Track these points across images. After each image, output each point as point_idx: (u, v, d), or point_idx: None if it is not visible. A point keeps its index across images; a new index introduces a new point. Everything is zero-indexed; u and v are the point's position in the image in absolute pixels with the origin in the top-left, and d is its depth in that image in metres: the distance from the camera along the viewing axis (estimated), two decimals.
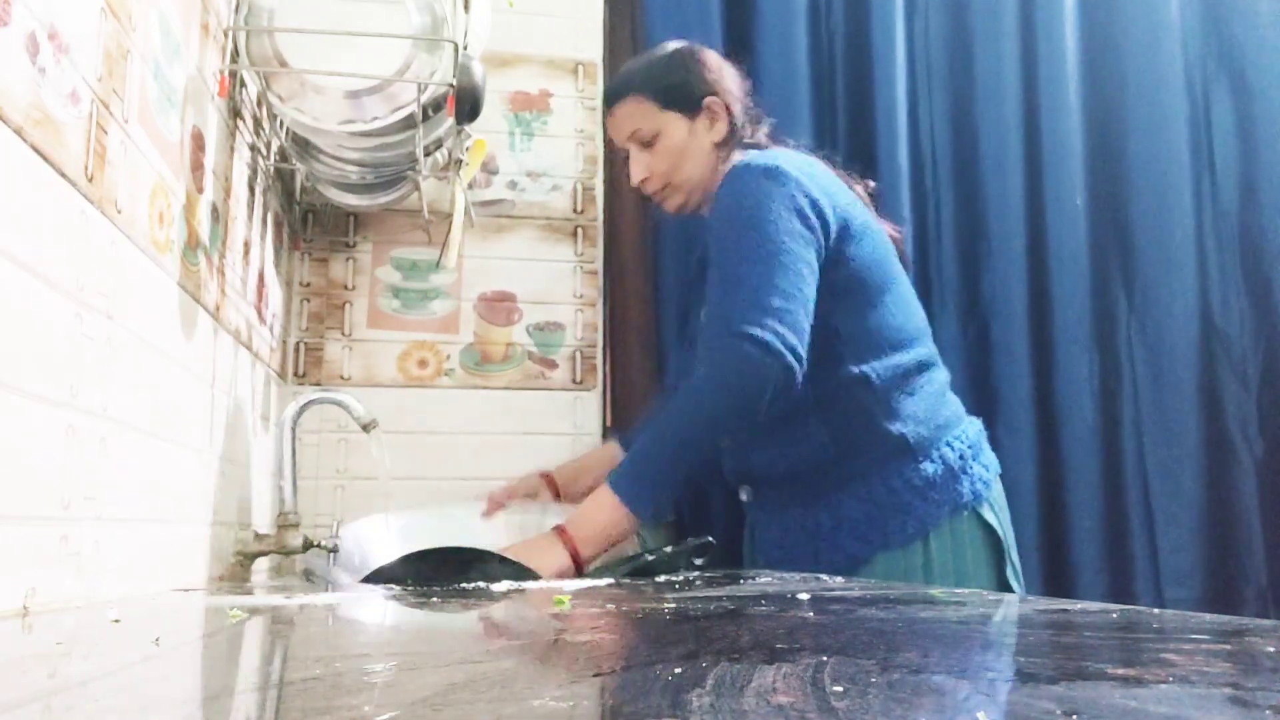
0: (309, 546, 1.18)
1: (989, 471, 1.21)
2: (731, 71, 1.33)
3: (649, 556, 1.09)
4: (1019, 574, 1.23)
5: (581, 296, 1.68)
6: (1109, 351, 1.66)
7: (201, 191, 1.01)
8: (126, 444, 0.78)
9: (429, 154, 1.35)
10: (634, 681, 0.34)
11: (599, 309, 1.67)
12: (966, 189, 1.68)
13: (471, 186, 1.63)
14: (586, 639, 0.49)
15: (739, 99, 1.31)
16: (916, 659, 0.38)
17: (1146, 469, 1.62)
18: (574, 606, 0.67)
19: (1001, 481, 1.27)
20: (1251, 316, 1.66)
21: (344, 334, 1.60)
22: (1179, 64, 1.72)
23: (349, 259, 1.63)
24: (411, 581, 0.95)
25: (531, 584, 0.95)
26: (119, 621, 0.59)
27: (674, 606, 0.65)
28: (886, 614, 0.59)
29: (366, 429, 1.22)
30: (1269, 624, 0.49)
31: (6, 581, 0.59)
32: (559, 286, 1.67)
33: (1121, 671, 0.35)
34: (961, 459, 1.18)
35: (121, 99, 0.78)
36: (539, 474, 1.46)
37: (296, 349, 1.59)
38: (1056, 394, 1.62)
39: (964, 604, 0.65)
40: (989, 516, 1.18)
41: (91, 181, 0.71)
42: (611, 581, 0.98)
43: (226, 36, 1.10)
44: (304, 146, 1.31)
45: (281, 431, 1.22)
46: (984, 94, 1.69)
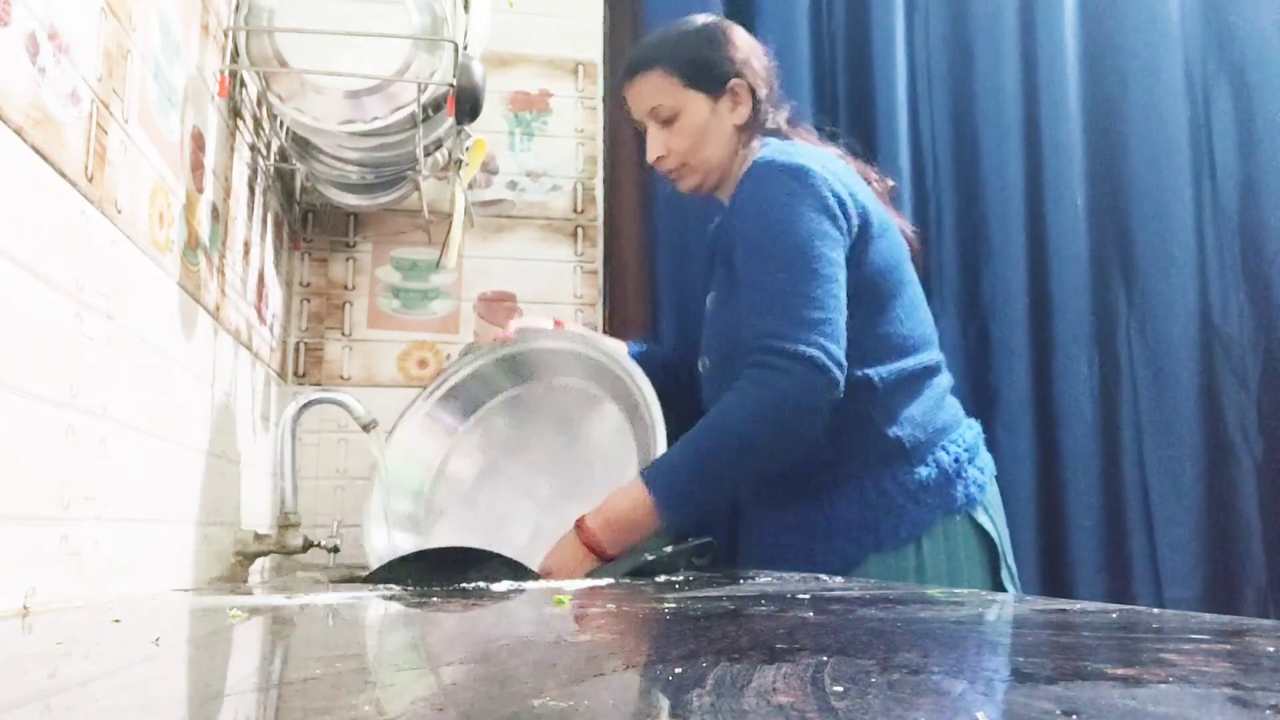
0: (309, 546, 1.19)
1: (984, 475, 1.21)
2: (760, 51, 1.29)
3: (649, 556, 1.09)
4: (1014, 577, 1.22)
5: (581, 296, 1.68)
6: (1109, 351, 1.66)
7: (201, 191, 1.01)
8: (126, 444, 0.79)
9: (429, 154, 1.35)
10: (634, 681, 0.34)
11: (599, 309, 1.67)
12: (967, 189, 1.68)
13: (471, 186, 1.63)
14: (586, 639, 0.49)
15: (765, 82, 1.27)
16: (916, 659, 0.38)
17: (1146, 469, 1.62)
18: (574, 606, 0.67)
19: (1001, 481, 1.26)
20: (1251, 316, 1.66)
21: (344, 334, 1.60)
22: (1179, 64, 1.72)
23: (349, 259, 1.63)
24: (411, 581, 0.95)
25: (531, 584, 0.95)
26: (119, 621, 0.59)
27: (674, 606, 0.65)
28: (886, 614, 0.59)
29: (366, 429, 1.22)
30: (1269, 624, 0.49)
31: (6, 581, 0.59)
32: (559, 286, 1.67)
33: (1121, 671, 0.35)
34: (956, 462, 1.17)
35: (121, 99, 0.78)
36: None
37: (296, 349, 1.59)
38: (1056, 394, 1.62)
39: (963, 604, 0.65)
40: (983, 520, 1.18)
41: (91, 181, 0.71)
42: (611, 581, 0.99)
43: (226, 36, 1.10)
44: (304, 146, 1.31)
45: (281, 431, 1.22)
46: (984, 95, 1.69)
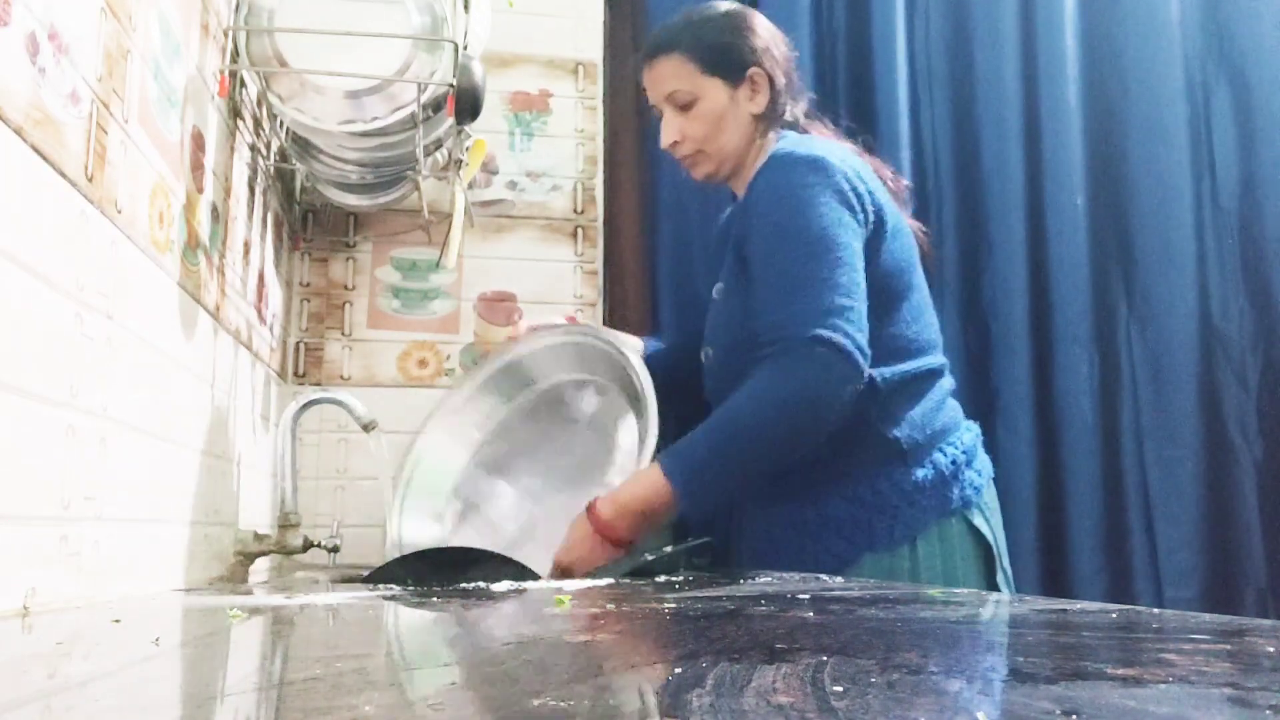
0: (309, 546, 1.19)
1: (981, 477, 1.20)
2: (781, 40, 1.29)
3: (649, 556, 1.09)
4: (1010, 580, 1.22)
5: (581, 296, 1.68)
6: (1109, 351, 1.66)
7: (201, 191, 1.01)
8: (126, 444, 0.79)
9: (429, 154, 1.35)
10: (634, 681, 0.34)
11: (599, 309, 1.67)
12: (967, 190, 1.68)
13: (471, 186, 1.63)
14: (586, 639, 0.49)
15: (784, 72, 1.27)
16: (916, 659, 0.38)
17: (1146, 469, 1.62)
18: (574, 606, 0.67)
19: (1000, 481, 1.26)
20: (1251, 317, 1.66)
21: (344, 334, 1.60)
22: (1179, 64, 1.72)
23: (349, 259, 1.63)
24: (411, 581, 0.95)
25: (531, 584, 0.95)
26: (119, 621, 0.59)
27: (674, 606, 0.65)
28: (886, 614, 0.59)
29: (366, 429, 1.22)
30: (1269, 624, 0.49)
31: (6, 581, 0.59)
32: (559, 286, 1.67)
33: (1121, 671, 0.35)
34: (954, 464, 1.17)
35: (121, 99, 0.78)
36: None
37: (296, 349, 1.59)
38: (1056, 394, 1.62)
39: (963, 604, 0.65)
40: (979, 523, 1.17)
41: (91, 181, 0.71)
42: (611, 581, 0.99)
43: (226, 36, 1.10)
44: (304, 146, 1.31)
45: (281, 431, 1.22)
46: (984, 95, 1.69)
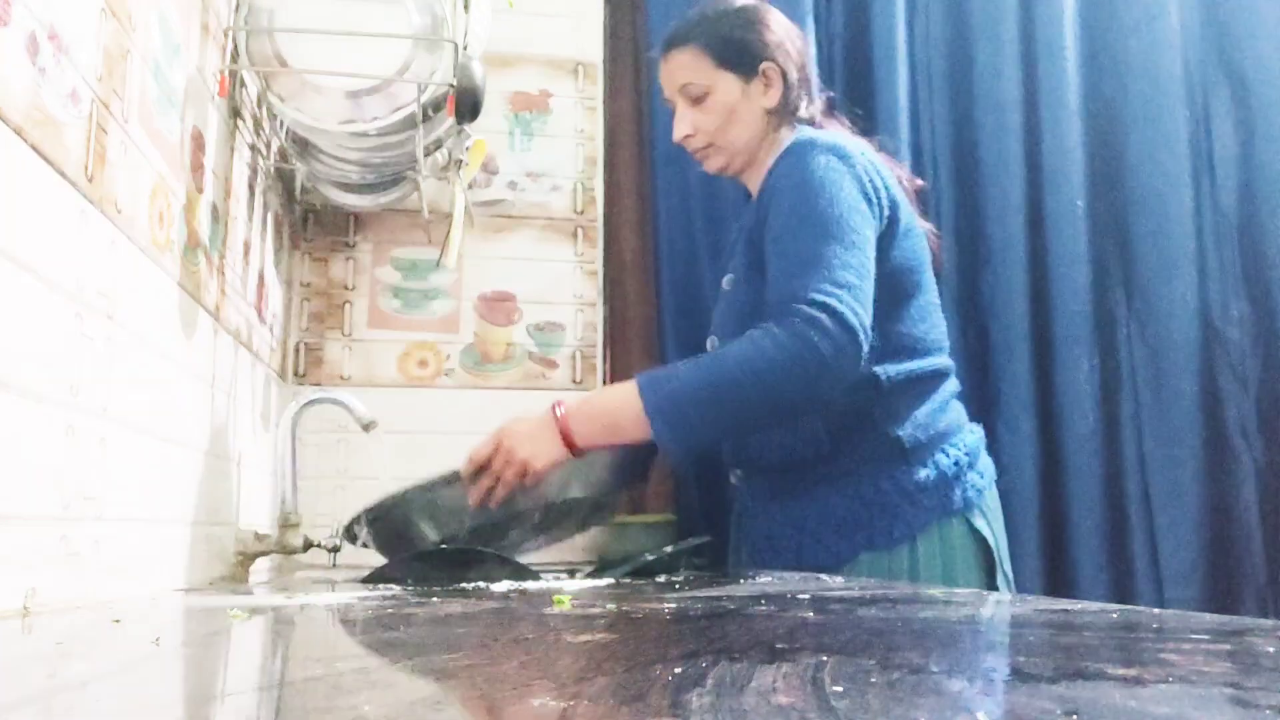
0: (309, 546, 1.19)
1: (983, 479, 1.20)
2: (796, 36, 1.29)
3: (649, 556, 1.09)
4: (1011, 583, 1.22)
5: (581, 296, 1.68)
6: (1109, 352, 1.66)
7: (201, 191, 1.01)
8: (126, 444, 0.78)
9: (429, 154, 1.35)
10: (634, 681, 0.34)
11: (599, 309, 1.67)
12: (967, 191, 1.68)
13: (471, 186, 1.63)
14: (586, 639, 0.49)
15: (797, 67, 1.27)
16: (916, 659, 0.39)
17: (1146, 469, 1.62)
18: (574, 606, 0.67)
19: (1001, 482, 1.26)
20: (1251, 318, 1.66)
21: (344, 334, 1.60)
22: (1179, 66, 1.72)
23: (349, 259, 1.63)
24: (411, 581, 0.95)
25: (531, 584, 0.95)
26: (119, 621, 0.59)
27: (674, 606, 0.65)
28: (886, 614, 0.59)
29: (366, 429, 1.22)
30: (1269, 624, 0.49)
31: (6, 581, 0.59)
32: (559, 286, 1.67)
33: (1121, 671, 0.35)
34: (956, 465, 1.17)
35: (121, 99, 0.78)
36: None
37: (296, 349, 1.59)
38: (1057, 394, 1.62)
39: (964, 604, 0.65)
40: (980, 525, 1.17)
41: (91, 181, 0.71)
42: (611, 581, 0.99)
43: (226, 36, 1.10)
44: (304, 146, 1.31)
45: (281, 431, 1.22)
46: (984, 97, 1.69)
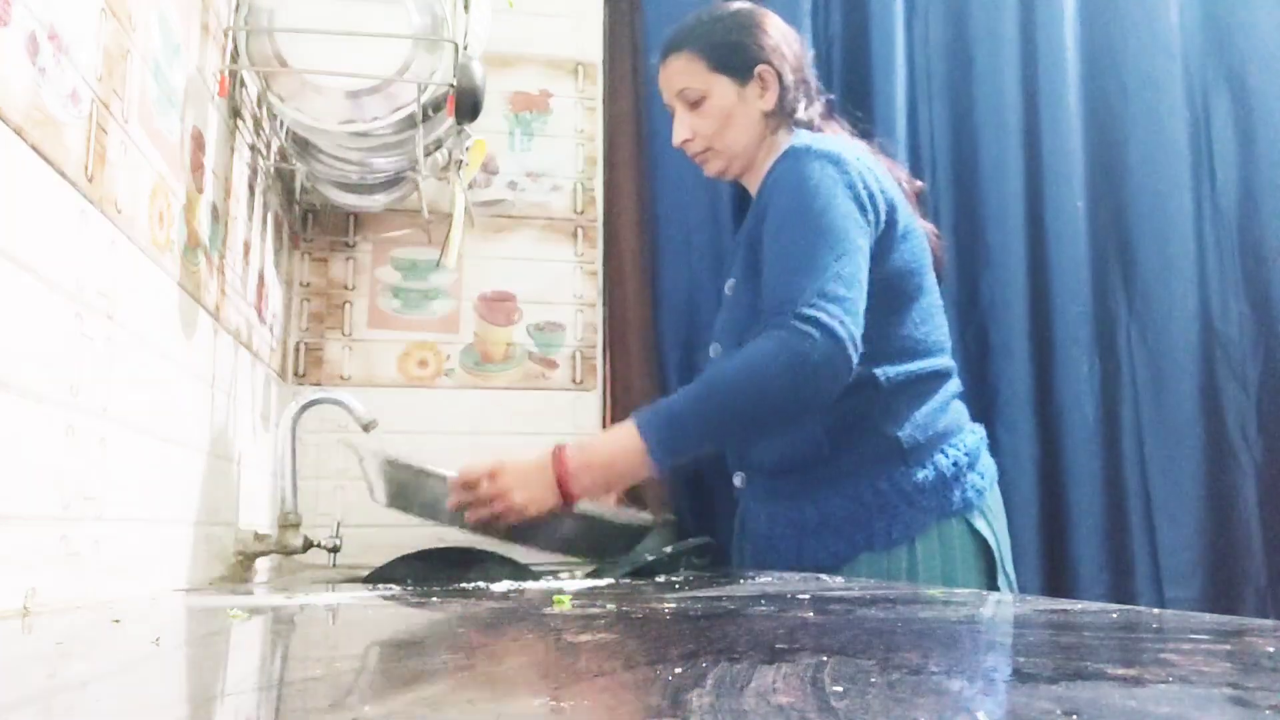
0: (309, 546, 1.19)
1: (984, 480, 1.20)
2: (792, 39, 1.29)
3: (649, 556, 1.09)
4: (1012, 584, 1.21)
5: (581, 296, 1.68)
6: (1109, 353, 1.66)
7: (201, 191, 1.01)
8: (126, 444, 0.78)
9: (429, 154, 1.35)
10: (634, 681, 0.34)
11: (599, 309, 1.67)
12: (966, 193, 1.68)
13: (471, 186, 1.63)
14: (586, 639, 0.49)
15: (794, 70, 1.27)
16: (916, 659, 0.39)
17: (1146, 470, 1.62)
18: (574, 606, 0.67)
19: (1001, 482, 1.25)
20: (1251, 319, 1.66)
21: (344, 334, 1.60)
22: (1178, 68, 1.72)
23: (349, 259, 1.63)
24: (411, 581, 0.95)
25: (531, 584, 0.95)
26: (119, 621, 0.59)
27: (674, 606, 0.65)
28: (886, 614, 0.59)
29: (366, 429, 1.22)
30: (1269, 624, 0.49)
31: (6, 581, 0.59)
32: (559, 286, 1.67)
33: (1121, 671, 0.35)
34: (955, 466, 1.17)
35: (121, 99, 0.78)
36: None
37: (296, 349, 1.59)
38: (1057, 395, 1.62)
39: (964, 604, 0.65)
40: (980, 526, 1.17)
41: (91, 181, 0.71)
42: (611, 581, 0.99)
43: (226, 36, 1.10)
44: (304, 146, 1.31)
45: (281, 431, 1.22)
46: (984, 98, 1.69)
